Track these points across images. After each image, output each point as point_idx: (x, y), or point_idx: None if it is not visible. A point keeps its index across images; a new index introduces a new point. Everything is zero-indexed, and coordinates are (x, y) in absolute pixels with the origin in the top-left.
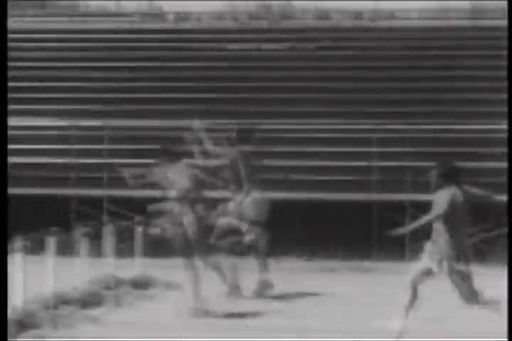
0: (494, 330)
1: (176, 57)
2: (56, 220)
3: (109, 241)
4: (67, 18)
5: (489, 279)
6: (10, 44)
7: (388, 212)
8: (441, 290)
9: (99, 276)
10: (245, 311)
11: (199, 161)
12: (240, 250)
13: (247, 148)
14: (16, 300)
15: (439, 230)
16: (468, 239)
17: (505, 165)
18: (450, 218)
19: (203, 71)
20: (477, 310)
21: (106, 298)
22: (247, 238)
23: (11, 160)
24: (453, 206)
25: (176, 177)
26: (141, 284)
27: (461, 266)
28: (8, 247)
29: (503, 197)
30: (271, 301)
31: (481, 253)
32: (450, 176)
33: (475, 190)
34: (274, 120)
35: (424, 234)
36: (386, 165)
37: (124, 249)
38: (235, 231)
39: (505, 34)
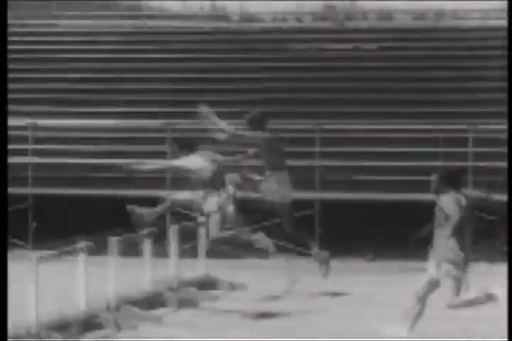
0: None
1: (242, 58)
2: (120, 221)
3: (172, 241)
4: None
5: None
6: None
7: None
8: None
9: (162, 277)
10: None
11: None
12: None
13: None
14: (80, 301)
15: (444, 236)
16: (471, 243)
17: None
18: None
19: (267, 72)
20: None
21: (169, 298)
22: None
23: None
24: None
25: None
26: (204, 285)
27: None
28: (72, 248)
29: (503, 197)
30: None
31: None
32: (452, 180)
33: (475, 193)
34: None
35: None
36: None
37: (188, 249)
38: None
39: None
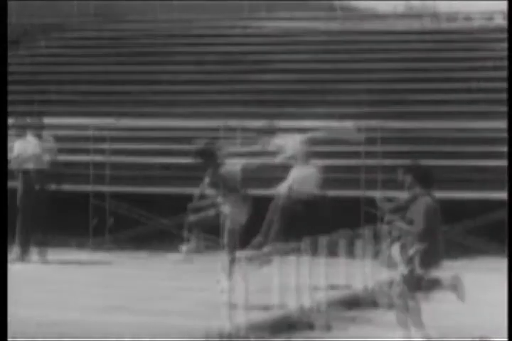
0: None
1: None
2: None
3: (367, 243)
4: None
5: None
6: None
7: None
8: None
9: (373, 277)
10: None
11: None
12: None
13: None
14: (289, 301)
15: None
16: (442, 246)
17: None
18: (427, 228)
19: (462, 72)
20: None
21: (380, 299)
22: None
23: None
24: (430, 217)
25: None
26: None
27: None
28: (271, 249)
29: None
30: None
31: None
32: (427, 182)
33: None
34: None
35: None
36: None
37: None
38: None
39: None
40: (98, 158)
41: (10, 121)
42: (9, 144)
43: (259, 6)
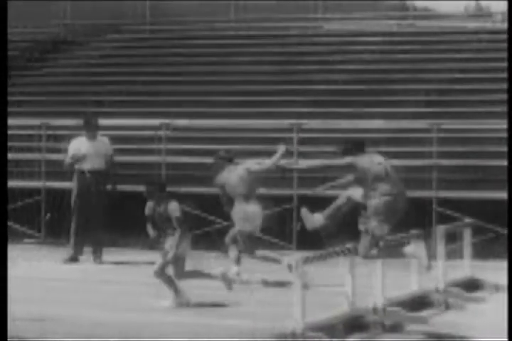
0: None
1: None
2: None
3: (439, 242)
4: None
5: None
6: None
7: None
8: None
9: (428, 278)
10: None
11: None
12: None
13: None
14: (346, 302)
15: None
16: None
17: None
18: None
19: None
20: None
21: (435, 299)
22: None
23: None
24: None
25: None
26: (470, 286)
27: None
28: (339, 249)
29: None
30: None
31: None
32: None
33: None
34: None
35: None
36: None
37: (453, 250)
38: None
39: None
40: (169, 158)
41: (79, 122)
42: (74, 145)
43: (330, 7)
